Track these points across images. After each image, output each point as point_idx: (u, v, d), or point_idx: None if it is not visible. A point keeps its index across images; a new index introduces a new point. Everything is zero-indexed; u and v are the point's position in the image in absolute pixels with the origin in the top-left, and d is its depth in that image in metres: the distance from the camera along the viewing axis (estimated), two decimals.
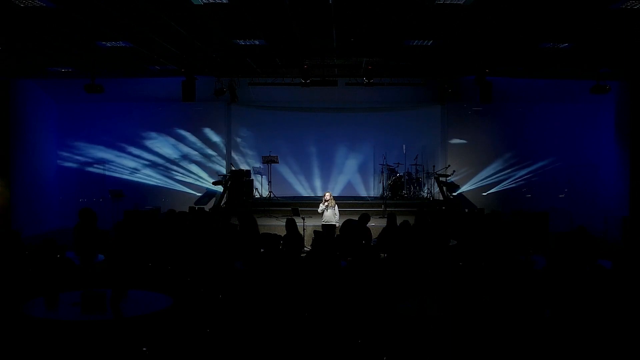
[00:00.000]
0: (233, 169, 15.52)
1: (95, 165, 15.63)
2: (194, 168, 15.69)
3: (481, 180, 15.57)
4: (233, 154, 16.32)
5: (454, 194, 14.91)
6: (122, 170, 15.64)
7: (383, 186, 15.47)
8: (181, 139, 15.65)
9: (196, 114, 15.43)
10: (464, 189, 15.38)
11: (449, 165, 15.18)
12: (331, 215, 11.20)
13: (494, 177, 15.57)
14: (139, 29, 8.98)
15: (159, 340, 5.29)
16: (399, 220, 9.08)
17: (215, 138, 15.68)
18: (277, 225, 11.80)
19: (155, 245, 7.85)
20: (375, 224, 11.39)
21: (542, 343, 4.62)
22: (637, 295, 5.13)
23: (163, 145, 15.67)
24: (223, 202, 14.41)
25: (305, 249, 9.39)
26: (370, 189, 16.66)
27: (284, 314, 5.74)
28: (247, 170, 15.64)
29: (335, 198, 11.62)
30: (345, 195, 16.11)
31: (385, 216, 10.56)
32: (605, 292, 5.18)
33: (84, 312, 5.02)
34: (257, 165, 15.78)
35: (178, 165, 15.70)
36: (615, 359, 4.48)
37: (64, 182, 15.59)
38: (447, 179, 14.77)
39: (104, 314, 5.02)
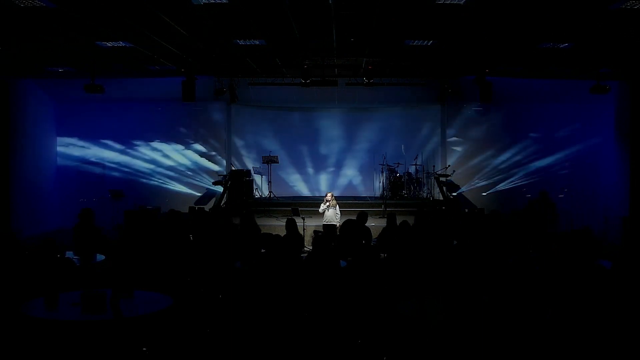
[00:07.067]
0: (233, 169, 15.52)
1: (95, 165, 15.63)
2: (194, 168, 15.68)
3: (481, 180, 15.56)
4: (233, 154, 16.32)
5: (454, 194, 14.89)
6: (122, 170, 15.64)
7: (383, 186, 15.47)
8: (181, 139, 15.63)
9: (196, 114, 15.42)
10: (464, 189, 15.37)
11: (449, 165, 15.18)
12: (332, 215, 11.21)
13: (494, 177, 15.57)
14: (139, 29, 8.98)
15: (159, 340, 5.29)
16: (399, 220, 9.08)
17: (215, 138, 15.66)
18: (277, 225, 11.80)
19: (156, 245, 7.84)
20: (375, 224, 11.39)
21: (543, 343, 4.62)
22: (637, 295, 5.13)
23: (163, 145, 15.66)
24: (223, 202, 14.40)
25: (305, 249, 9.39)
26: (370, 189, 16.65)
27: (284, 314, 5.74)
28: (247, 170, 15.63)
29: (335, 198, 11.63)
30: (345, 195, 16.10)
31: (385, 216, 10.56)
32: (605, 292, 5.18)
33: (84, 312, 5.02)
34: (257, 165, 15.78)
35: (178, 165, 15.69)
36: (615, 359, 4.48)
37: (64, 182, 15.57)
38: (447, 179, 14.77)
39: (104, 314, 5.01)
